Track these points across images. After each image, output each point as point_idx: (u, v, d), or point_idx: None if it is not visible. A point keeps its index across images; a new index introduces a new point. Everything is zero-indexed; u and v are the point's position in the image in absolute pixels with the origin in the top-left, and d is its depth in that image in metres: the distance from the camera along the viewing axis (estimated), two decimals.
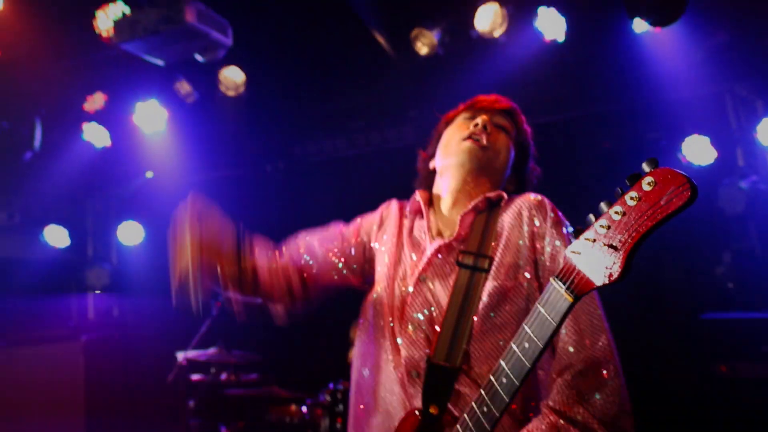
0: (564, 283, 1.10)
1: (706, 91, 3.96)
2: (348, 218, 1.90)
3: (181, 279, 1.49)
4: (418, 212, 1.72)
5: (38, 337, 4.96)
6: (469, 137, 1.63)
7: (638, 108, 4.19)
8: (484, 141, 1.62)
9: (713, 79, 3.89)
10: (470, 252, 1.50)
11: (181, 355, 4.20)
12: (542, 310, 1.13)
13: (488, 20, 3.59)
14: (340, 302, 1.84)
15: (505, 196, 1.62)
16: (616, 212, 1.05)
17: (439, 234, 1.63)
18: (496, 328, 1.43)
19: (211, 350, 4.20)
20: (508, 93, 4.71)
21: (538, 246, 1.49)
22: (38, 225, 5.40)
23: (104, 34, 3.58)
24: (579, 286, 1.08)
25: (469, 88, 4.40)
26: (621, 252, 1.03)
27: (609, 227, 1.06)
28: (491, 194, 1.60)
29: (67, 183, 5.21)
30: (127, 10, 3.44)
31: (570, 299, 1.09)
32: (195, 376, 4.29)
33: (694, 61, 3.76)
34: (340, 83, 4.76)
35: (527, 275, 1.47)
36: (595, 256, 1.07)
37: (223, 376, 4.26)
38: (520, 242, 1.51)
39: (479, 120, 1.65)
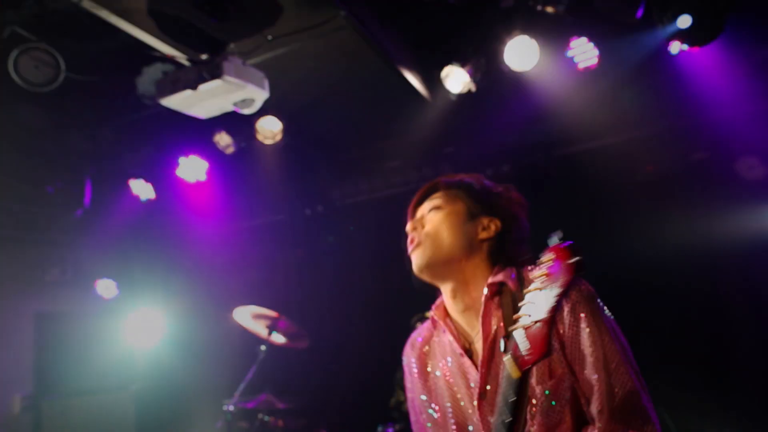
0: (512, 359, 1.17)
1: (754, 108, 3.83)
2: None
3: None
4: (438, 327, 1.64)
5: (91, 388, 5.06)
6: (407, 248, 1.61)
7: (681, 129, 4.08)
8: (416, 239, 1.58)
9: (761, 95, 3.76)
10: (506, 336, 1.43)
11: (228, 403, 4.20)
12: (503, 385, 1.19)
13: (519, 54, 3.58)
14: (386, 345, 1.80)
15: (512, 274, 1.48)
16: (537, 288, 1.14)
17: (468, 336, 1.55)
18: (550, 407, 1.38)
19: (259, 397, 4.19)
20: (543, 124, 4.69)
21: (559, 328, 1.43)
22: (89, 278, 5.58)
23: (147, 94, 3.74)
24: (522, 362, 1.14)
25: (504, 121, 4.43)
26: (544, 329, 1.11)
27: (535, 303, 1.14)
28: (493, 279, 1.49)
29: (115, 237, 5.39)
30: (167, 69, 3.59)
31: (517, 375, 1.15)
32: (243, 424, 4.26)
33: (739, 77, 3.66)
34: (375, 125, 4.82)
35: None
36: (531, 331, 1.14)
37: (272, 422, 4.23)
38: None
39: (406, 230, 1.63)
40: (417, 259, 1.55)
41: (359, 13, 3.16)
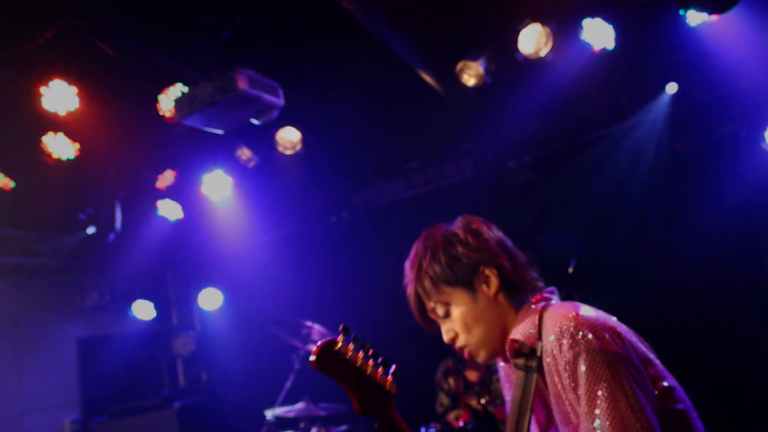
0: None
1: None
2: None
3: None
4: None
5: (136, 407, 5.15)
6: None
7: (708, 103, 3.97)
8: (464, 349, 1.61)
9: None
10: (522, 353, 1.51)
11: (269, 413, 4.22)
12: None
13: (532, 41, 3.53)
14: (422, 347, 1.80)
15: (531, 326, 1.51)
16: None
17: None
18: (552, 424, 1.48)
19: (299, 405, 4.20)
20: (563, 110, 4.58)
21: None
22: (126, 301, 5.69)
23: (167, 115, 3.81)
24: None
25: (522, 112, 4.38)
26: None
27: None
28: (512, 335, 1.54)
29: (147, 258, 5.49)
30: (185, 88, 3.65)
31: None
32: None
33: (763, 45, 3.53)
34: (393, 126, 4.81)
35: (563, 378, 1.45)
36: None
37: (313, 430, 4.23)
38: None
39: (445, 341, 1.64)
40: (481, 360, 1.62)
41: (367, 13, 3.16)
